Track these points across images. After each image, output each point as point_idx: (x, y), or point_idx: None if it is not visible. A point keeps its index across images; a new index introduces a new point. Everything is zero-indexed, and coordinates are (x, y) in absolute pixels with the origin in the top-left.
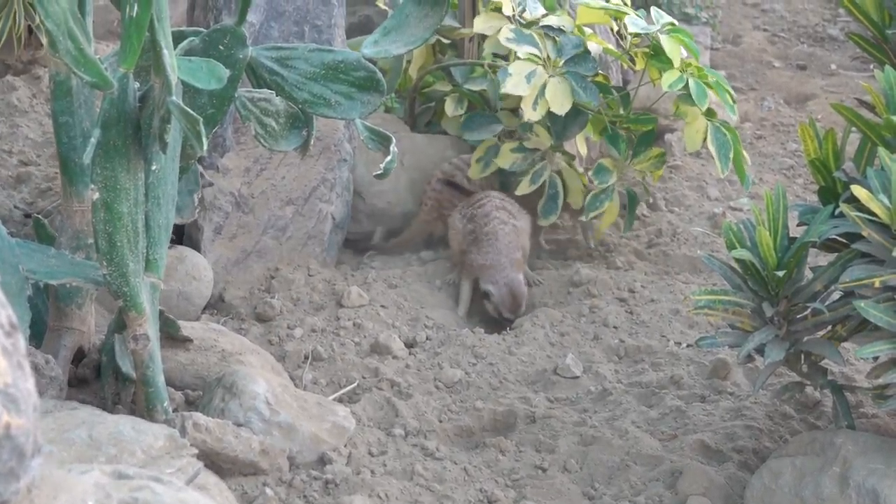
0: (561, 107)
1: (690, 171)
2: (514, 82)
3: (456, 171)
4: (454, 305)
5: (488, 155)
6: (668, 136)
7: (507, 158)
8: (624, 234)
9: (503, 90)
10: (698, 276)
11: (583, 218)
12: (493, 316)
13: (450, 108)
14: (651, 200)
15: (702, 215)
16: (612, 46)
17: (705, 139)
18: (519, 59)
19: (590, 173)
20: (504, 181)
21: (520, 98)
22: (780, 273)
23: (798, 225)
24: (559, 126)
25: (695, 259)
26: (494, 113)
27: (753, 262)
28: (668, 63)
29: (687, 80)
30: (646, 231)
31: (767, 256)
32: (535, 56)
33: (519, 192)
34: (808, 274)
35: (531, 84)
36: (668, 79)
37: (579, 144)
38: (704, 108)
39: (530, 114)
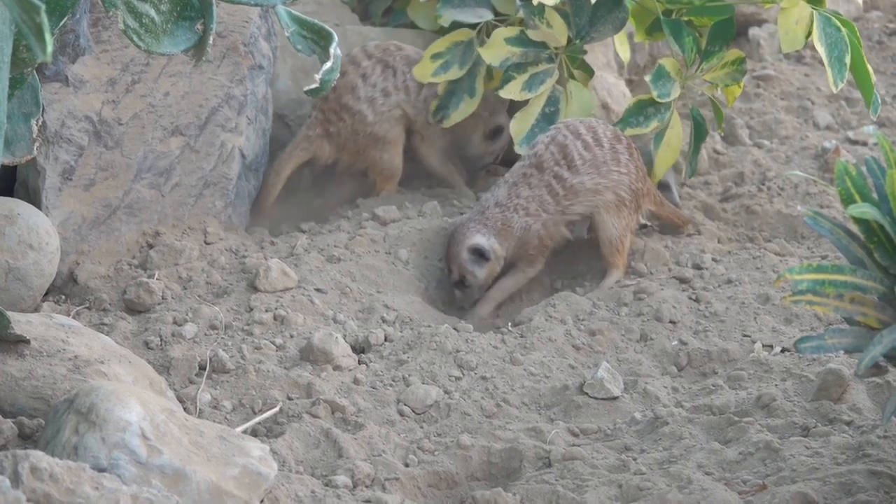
0: None
1: (788, 85)
2: None
3: (370, 57)
4: (429, 289)
5: (453, 53)
6: (754, 32)
7: (496, 50)
8: (686, 179)
9: None
10: (799, 244)
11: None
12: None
13: None
14: (725, 130)
15: (805, 152)
16: None
17: (809, 35)
18: None
19: (647, 78)
20: (452, 97)
21: None
22: None
23: None
24: (583, 17)
25: (794, 218)
26: None
27: (881, 223)
28: None
29: None
30: (720, 175)
31: None
32: None
33: (505, 93)
34: None
35: None
36: None
37: (619, 47)
38: None
39: None
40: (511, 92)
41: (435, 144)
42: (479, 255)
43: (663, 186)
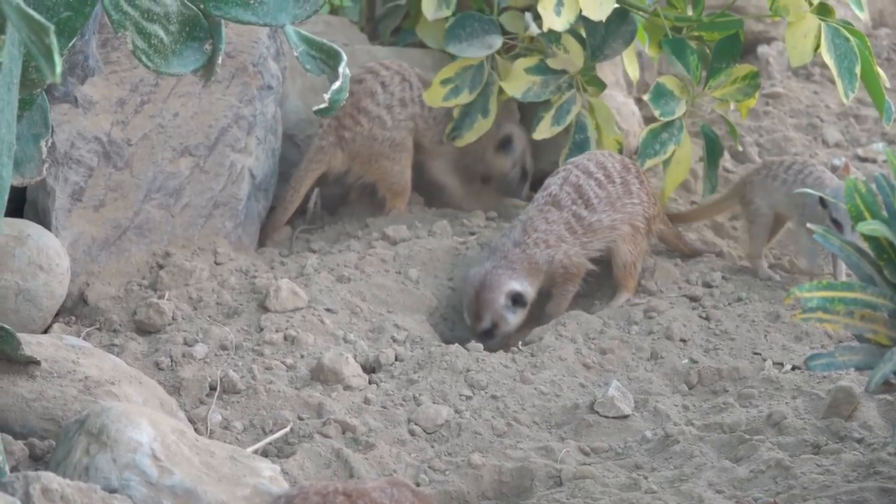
0: (599, 8)
1: (797, 102)
2: None
3: (388, 69)
4: (440, 309)
5: (463, 78)
6: (762, 50)
7: (519, 82)
8: (704, 196)
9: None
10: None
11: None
12: None
13: (429, 6)
14: (739, 146)
15: None
16: None
17: (818, 48)
18: None
19: (646, 97)
20: (466, 118)
21: None
22: None
23: None
24: (597, 37)
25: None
26: (495, 16)
27: (891, 240)
28: None
29: None
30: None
31: None
32: None
33: (538, 135)
34: None
35: None
36: None
37: (628, 65)
38: (815, 1)
39: (552, 20)
40: (543, 132)
41: (444, 158)
42: (516, 300)
43: (836, 224)
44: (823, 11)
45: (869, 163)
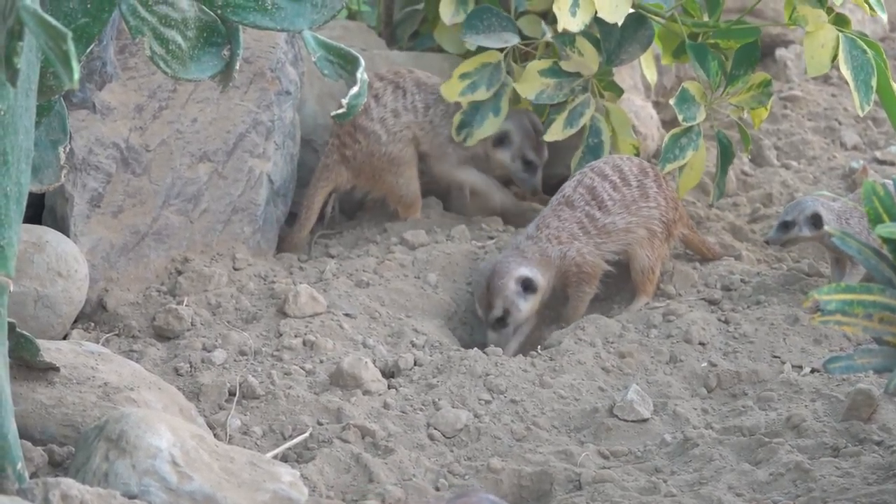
0: (615, 10)
1: (815, 105)
2: None
3: (382, 79)
4: (458, 313)
5: (481, 74)
6: (780, 53)
7: (532, 84)
8: (713, 202)
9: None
10: (828, 264)
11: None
12: None
13: (447, 10)
14: (752, 151)
15: (833, 172)
16: None
17: (835, 58)
18: None
19: (671, 101)
20: (477, 115)
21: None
22: None
23: None
24: (612, 41)
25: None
26: (513, 17)
27: None
28: None
29: None
30: (748, 196)
31: None
32: None
33: (550, 136)
34: None
35: None
36: None
37: (645, 69)
38: (832, 11)
39: (568, 21)
40: (554, 134)
41: (449, 159)
42: (527, 286)
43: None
44: (840, 22)
45: (887, 165)
